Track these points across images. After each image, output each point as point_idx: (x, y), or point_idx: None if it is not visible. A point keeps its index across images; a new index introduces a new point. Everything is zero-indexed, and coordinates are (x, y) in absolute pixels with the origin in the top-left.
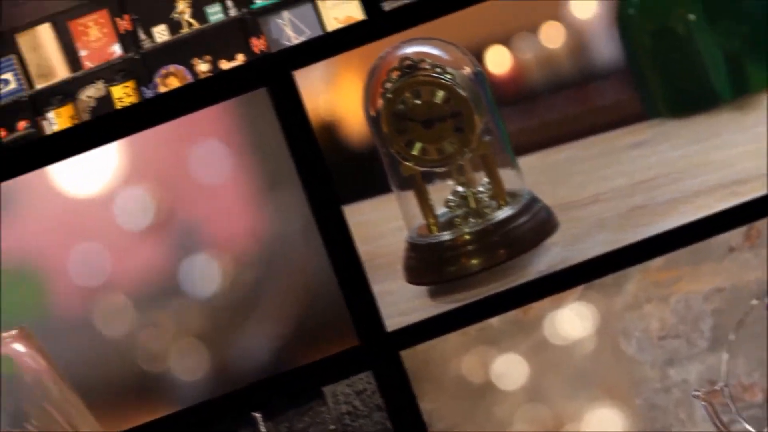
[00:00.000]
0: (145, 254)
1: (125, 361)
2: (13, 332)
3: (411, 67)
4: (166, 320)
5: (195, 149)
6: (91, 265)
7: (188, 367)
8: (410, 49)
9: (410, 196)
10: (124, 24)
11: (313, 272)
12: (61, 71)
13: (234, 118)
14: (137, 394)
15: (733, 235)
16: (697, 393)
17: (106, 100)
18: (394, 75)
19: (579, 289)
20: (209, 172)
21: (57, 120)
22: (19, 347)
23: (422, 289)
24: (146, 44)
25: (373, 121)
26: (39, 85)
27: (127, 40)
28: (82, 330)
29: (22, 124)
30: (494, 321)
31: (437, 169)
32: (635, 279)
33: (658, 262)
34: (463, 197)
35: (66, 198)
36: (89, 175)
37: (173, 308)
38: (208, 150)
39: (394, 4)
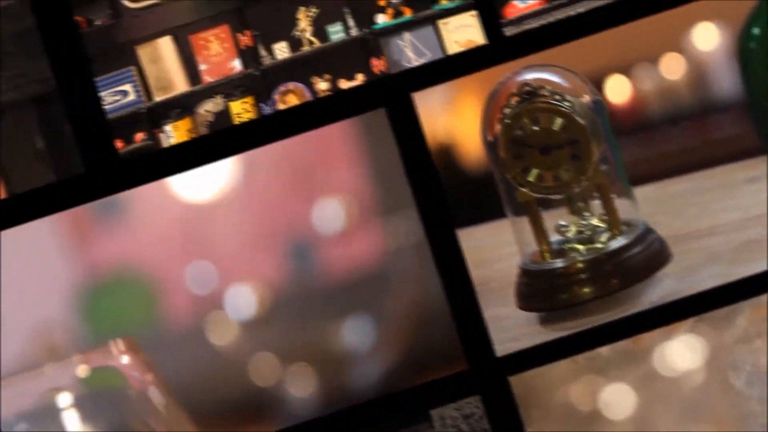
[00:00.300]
0: (257, 268)
1: (234, 375)
2: (120, 343)
3: (530, 94)
4: (277, 335)
5: (312, 167)
6: (203, 276)
7: (298, 383)
8: (530, 76)
9: (525, 222)
10: (245, 40)
11: (425, 294)
12: (181, 84)
13: (351, 138)
14: (244, 409)
15: None
16: None
17: (225, 115)
18: (513, 101)
19: (690, 321)
20: (325, 191)
21: (174, 133)
22: (125, 359)
23: (533, 316)
24: (266, 61)
25: (491, 146)
26: (158, 98)
27: (248, 55)
28: (192, 341)
29: (139, 136)
30: (604, 350)
31: (552, 197)
32: (746, 313)
33: None
34: (578, 225)
35: (180, 209)
36: (205, 187)
37: (284, 323)
38: (325, 168)
39: (516, 30)
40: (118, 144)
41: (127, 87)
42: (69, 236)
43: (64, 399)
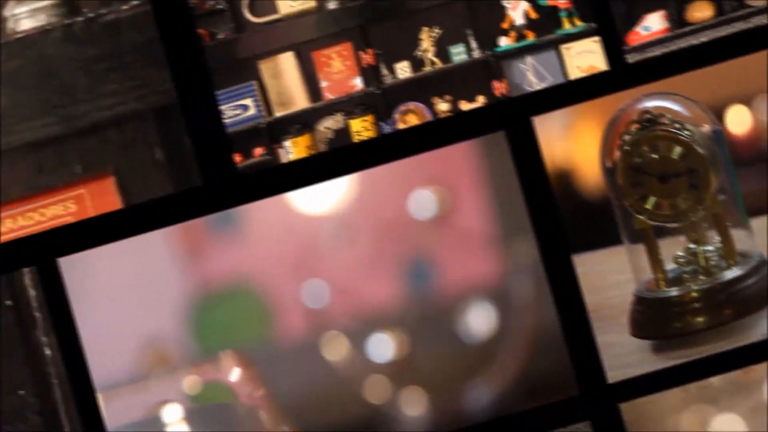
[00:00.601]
0: (372, 286)
1: (347, 392)
2: (231, 357)
3: (650, 121)
4: (391, 354)
5: (431, 188)
6: (317, 292)
7: (412, 403)
8: (651, 103)
9: (640, 250)
10: (367, 58)
11: (539, 318)
12: (301, 101)
13: (471, 160)
14: (356, 427)
15: None
16: None
17: (344, 132)
18: (633, 128)
19: None
20: (444, 211)
21: (293, 149)
22: (235, 373)
23: (646, 343)
24: (388, 80)
25: (609, 172)
26: (278, 113)
27: (369, 74)
28: (305, 357)
29: (258, 151)
30: (715, 380)
31: (669, 225)
32: None
33: None
34: (693, 254)
35: (297, 224)
36: (322, 203)
37: (398, 342)
38: (444, 189)
39: (638, 57)
40: (237, 158)
41: (248, 101)
42: (183, 248)
43: (173, 413)
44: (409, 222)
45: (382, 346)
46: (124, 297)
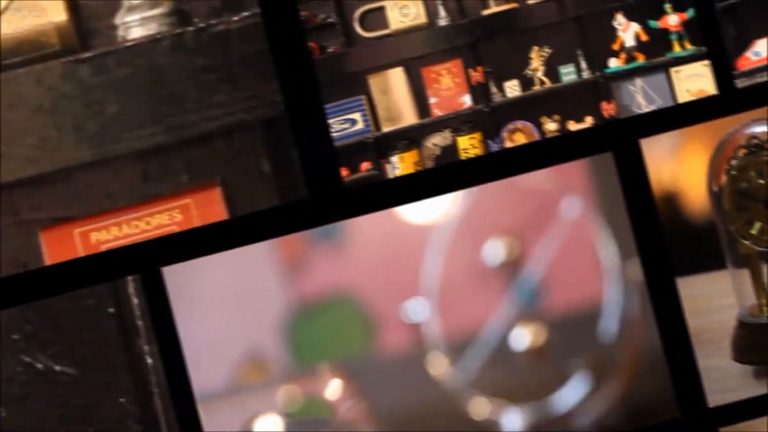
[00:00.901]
0: (476, 301)
1: (448, 409)
2: (331, 370)
3: (758, 147)
4: (493, 371)
5: (537, 206)
6: (421, 306)
7: (513, 420)
8: (759, 129)
9: (745, 275)
10: (477, 76)
11: (641, 340)
12: (409, 116)
13: (578, 180)
14: None
15: None
16: None
17: (451, 149)
18: (741, 153)
19: None
20: (549, 229)
21: (400, 164)
22: (334, 388)
23: (748, 368)
24: (496, 98)
25: (715, 196)
26: (385, 128)
27: (478, 92)
28: (406, 372)
29: (365, 165)
30: None
31: None
32: None
33: None
34: None
35: (401, 238)
36: (428, 218)
37: (492, 358)
38: (550, 207)
39: (747, 82)
40: (344, 172)
41: (356, 116)
42: (285, 259)
43: (269, 425)
44: (522, 233)
45: (484, 363)
46: (225, 307)
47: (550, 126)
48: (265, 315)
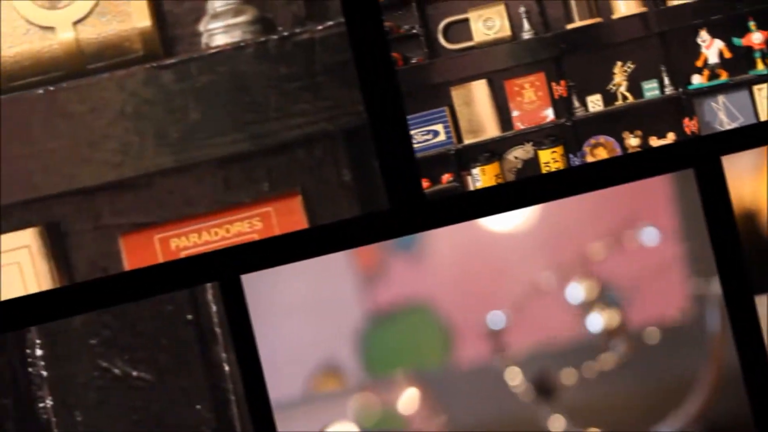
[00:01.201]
0: (556, 315)
1: (527, 421)
2: (406, 381)
3: None
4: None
5: (619, 220)
6: (499, 317)
7: None
8: None
9: None
10: (560, 90)
11: (721, 359)
12: (491, 129)
13: (658, 196)
14: None
15: None
16: None
17: (533, 162)
18: None
19: None
20: (629, 244)
21: (481, 177)
22: (410, 399)
23: None
24: (579, 112)
25: None
26: (467, 140)
27: (561, 106)
28: (484, 383)
29: (446, 177)
30: None
31: None
32: None
33: None
34: None
35: (481, 250)
36: (508, 230)
37: (574, 375)
38: (631, 223)
39: None
40: (425, 183)
41: (439, 127)
42: (363, 268)
43: None
44: (600, 250)
45: (563, 378)
46: (302, 315)
47: (632, 141)
48: (342, 324)
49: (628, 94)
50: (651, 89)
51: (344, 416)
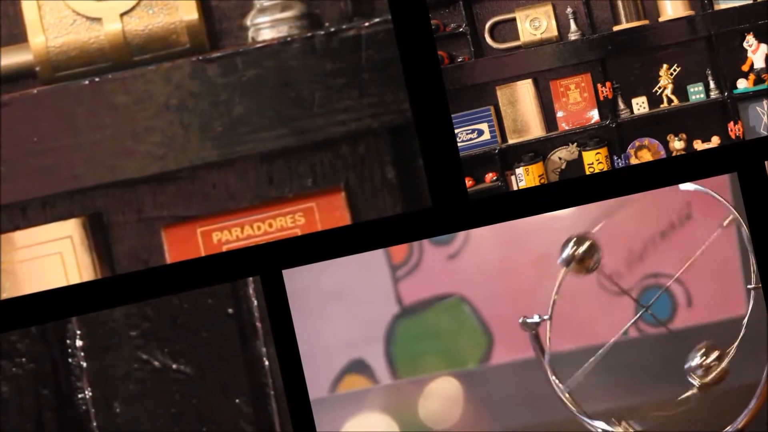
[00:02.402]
0: (601, 314)
1: (565, 420)
2: (442, 378)
3: None
4: (617, 390)
5: (669, 222)
6: (536, 317)
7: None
8: None
9: None
10: (605, 91)
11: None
12: (536, 129)
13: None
14: None
15: None
16: None
17: (576, 163)
18: None
19: None
20: (684, 245)
21: (525, 177)
22: (445, 395)
23: None
24: (623, 114)
25: None
26: (511, 140)
27: (606, 107)
28: (522, 381)
29: (489, 176)
30: None
31: None
32: None
33: None
34: None
35: (519, 246)
36: (551, 230)
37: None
38: (683, 224)
39: None
40: (468, 182)
41: (483, 126)
42: (402, 263)
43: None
44: (647, 252)
45: (607, 384)
46: (340, 310)
47: (677, 144)
48: (380, 319)
49: (673, 97)
50: (696, 93)
51: (379, 411)
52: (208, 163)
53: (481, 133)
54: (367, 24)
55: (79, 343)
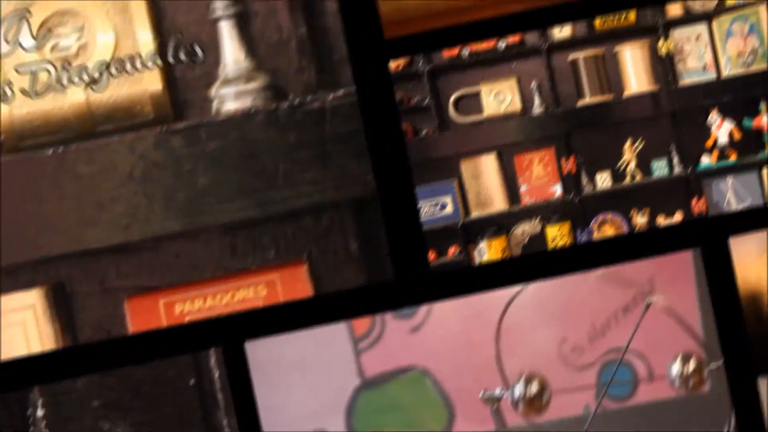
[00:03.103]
0: (561, 386)
1: None
2: None
3: None
4: None
5: (625, 297)
6: (499, 390)
7: None
8: None
9: None
10: (569, 165)
11: None
12: (499, 203)
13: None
14: None
15: None
16: None
17: (539, 237)
18: None
19: None
20: (636, 320)
21: (488, 250)
22: None
23: None
24: (587, 189)
25: None
26: (475, 213)
27: (569, 181)
28: None
29: (452, 250)
30: None
31: None
32: None
33: None
34: None
35: (484, 322)
36: (508, 301)
37: None
38: (636, 299)
39: None
40: (431, 255)
41: (447, 199)
42: (363, 335)
43: None
44: (609, 325)
45: None
46: (302, 382)
47: (640, 219)
48: (342, 391)
49: (637, 172)
50: (660, 168)
51: None
52: (171, 233)
53: (444, 206)
54: (331, 96)
55: (41, 412)
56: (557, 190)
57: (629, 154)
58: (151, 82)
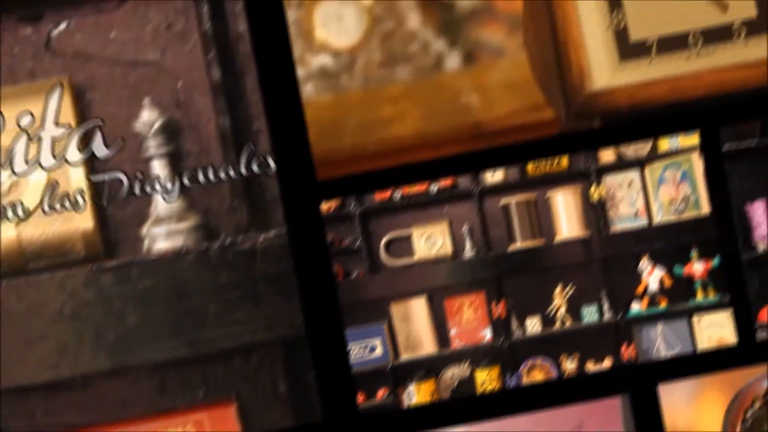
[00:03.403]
0: None
1: None
2: None
3: None
4: None
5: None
6: None
7: None
8: None
9: None
10: (499, 310)
11: None
12: (429, 346)
13: (591, 419)
14: None
15: None
16: None
17: (468, 381)
18: (757, 405)
19: None
20: None
21: (417, 393)
22: None
23: None
24: (517, 333)
25: None
26: (404, 356)
27: (499, 326)
28: None
29: (381, 392)
30: None
31: None
32: None
33: None
34: None
35: None
36: None
37: None
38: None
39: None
40: (360, 397)
41: (376, 342)
42: None
43: None
44: None
45: None
46: None
47: (569, 365)
48: None
49: (567, 318)
50: (590, 314)
51: None
52: (101, 371)
53: (374, 348)
54: (262, 237)
55: None
56: (487, 334)
57: (559, 300)
58: (83, 219)
